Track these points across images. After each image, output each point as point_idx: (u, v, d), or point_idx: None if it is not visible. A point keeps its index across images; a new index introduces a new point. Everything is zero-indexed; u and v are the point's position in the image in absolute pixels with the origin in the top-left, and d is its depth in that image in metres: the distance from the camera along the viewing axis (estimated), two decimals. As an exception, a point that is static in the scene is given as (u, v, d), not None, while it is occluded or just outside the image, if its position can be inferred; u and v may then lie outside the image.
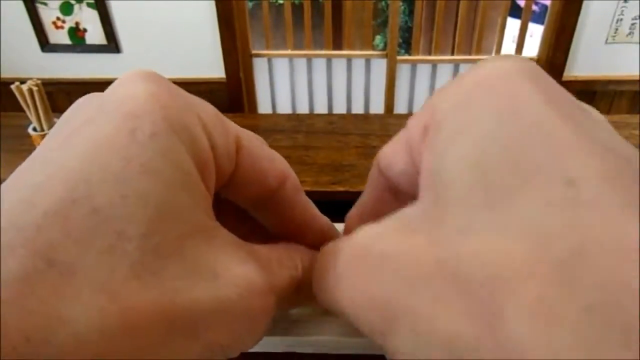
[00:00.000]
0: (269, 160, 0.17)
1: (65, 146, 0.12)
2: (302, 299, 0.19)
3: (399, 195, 0.17)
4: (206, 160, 0.14)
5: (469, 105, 0.12)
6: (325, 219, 0.20)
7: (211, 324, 0.13)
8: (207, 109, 0.15)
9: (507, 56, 0.13)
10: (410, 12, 3.14)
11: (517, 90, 0.12)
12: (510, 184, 0.10)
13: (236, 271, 0.14)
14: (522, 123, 0.11)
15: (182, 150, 0.13)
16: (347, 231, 0.20)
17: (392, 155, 0.16)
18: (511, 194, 0.10)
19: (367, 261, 0.12)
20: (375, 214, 0.17)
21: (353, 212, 0.20)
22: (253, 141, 0.17)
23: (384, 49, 2.33)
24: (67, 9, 2.08)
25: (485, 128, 0.12)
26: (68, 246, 0.11)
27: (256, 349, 0.32)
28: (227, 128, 0.15)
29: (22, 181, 0.12)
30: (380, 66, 2.31)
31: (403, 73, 2.34)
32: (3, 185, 0.12)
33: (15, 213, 0.11)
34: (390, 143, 0.16)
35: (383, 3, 3.28)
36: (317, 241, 0.19)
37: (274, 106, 2.48)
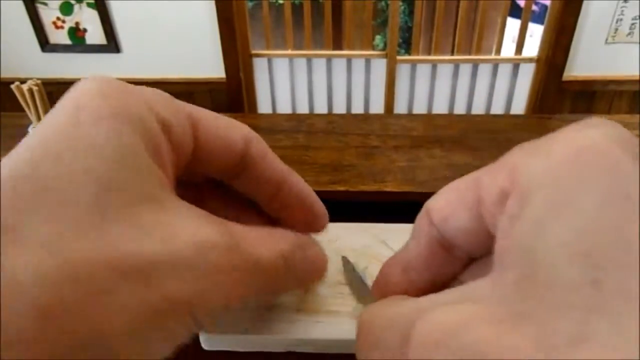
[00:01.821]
0: (227, 127, 0.18)
1: (29, 137, 0.14)
2: (294, 278, 0.18)
3: (452, 249, 0.16)
4: (156, 138, 0.15)
5: (566, 181, 0.11)
6: (296, 175, 0.21)
7: (166, 275, 0.13)
8: (155, 95, 0.16)
9: (601, 123, 0.13)
10: (410, 12, 3.14)
11: (621, 169, 0.11)
12: (628, 284, 0.10)
13: (192, 230, 0.14)
14: (634, 210, 0.10)
15: (126, 131, 0.14)
16: (384, 282, 0.19)
17: (449, 209, 0.15)
18: (629, 296, 0.10)
19: (453, 353, 0.11)
20: (424, 268, 0.17)
21: (394, 263, 0.18)
22: (208, 114, 0.18)
23: (384, 49, 2.33)
24: (67, 9, 2.08)
25: (590, 212, 0.11)
26: (15, 214, 0.12)
27: (256, 348, 0.33)
28: (178, 108, 0.17)
29: None
30: (380, 66, 2.31)
31: (403, 73, 2.34)
32: None
33: None
34: (445, 195, 0.16)
35: (383, 3, 3.28)
36: (298, 201, 0.20)
37: (274, 106, 2.48)
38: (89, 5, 2.06)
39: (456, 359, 0.11)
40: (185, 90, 2.21)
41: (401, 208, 0.93)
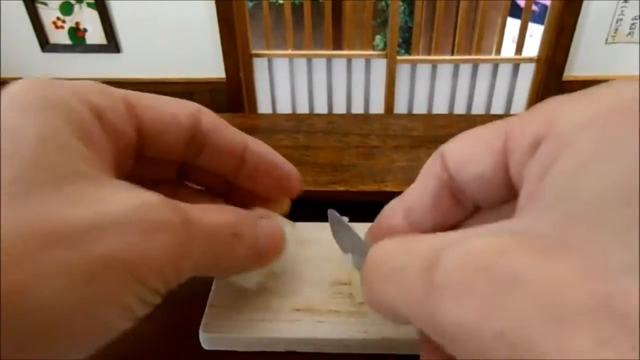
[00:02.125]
0: (170, 106, 0.18)
1: None
2: (245, 250, 0.18)
3: (461, 196, 0.16)
4: (85, 123, 0.16)
5: (610, 130, 0.11)
6: (257, 141, 0.21)
7: (95, 238, 0.13)
8: (85, 86, 0.17)
9: (636, 81, 0.12)
10: (410, 12, 3.14)
11: None
12: None
13: (128, 196, 0.14)
14: None
15: (50, 116, 0.15)
16: (383, 225, 0.18)
17: (469, 155, 0.15)
18: None
19: (490, 280, 0.10)
20: (428, 213, 0.16)
21: (397, 205, 0.18)
22: (148, 97, 0.18)
23: (384, 49, 2.33)
24: (67, 9, 2.08)
25: (636, 159, 0.10)
26: None
27: (256, 348, 0.33)
28: (112, 94, 0.17)
29: None
30: (380, 66, 2.31)
31: (403, 73, 2.34)
32: None
33: None
34: (466, 141, 0.15)
35: (383, 3, 3.28)
36: (264, 165, 0.20)
37: (274, 106, 2.48)
38: (89, 5, 2.06)
39: (493, 285, 0.10)
40: (185, 90, 2.21)
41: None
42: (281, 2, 2.38)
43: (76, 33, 2.14)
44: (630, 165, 0.10)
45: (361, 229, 0.38)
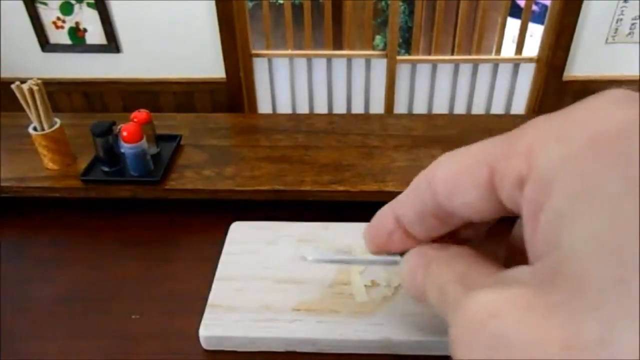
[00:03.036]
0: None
1: None
2: None
3: (448, 218, 0.17)
4: None
5: (586, 170, 0.11)
6: None
7: None
8: None
9: (619, 99, 0.12)
10: (410, 12, 3.14)
11: None
12: None
13: None
14: None
15: None
16: (379, 228, 0.20)
17: (456, 184, 0.16)
18: None
19: (483, 338, 0.12)
20: (415, 225, 0.18)
21: (388, 212, 0.19)
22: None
23: (384, 49, 2.33)
24: (67, 9, 2.08)
25: (613, 205, 0.10)
26: None
27: (256, 348, 0.33)
28: None
29: None
30: (380, 66, 2.31)
31: (403, 73, 2.34)
32: None
33: None
34: (449, 168, 0.16)
35: (383, 3, 3.28)
36: None
37: (274, 106, 2.48)
38: (89, 5, 2.06)
39: (489, 342, 0.12)
40: (186, 90, 2.21)
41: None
42: (281, 2, 2.38)
43: (76, 33, 2.14)
44: (602, 215, 0.10)
45: (362, 228, 0.38)
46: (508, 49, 2.50)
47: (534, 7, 2.30)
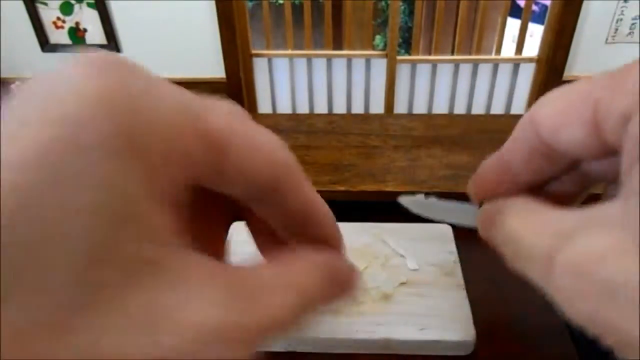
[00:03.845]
0: (261, 153, 0.15)
1: (11, 143, 0.10)
2: (315, 310, 0.16)
3: (557, 157, 0.17)
4: (164, 174, 0.12)
5: None
6: (326, 210, 0.18)
7: None
8: (172, 110, 0.12)
9: None
10: (410, 12, 3.14)
11: None
12: None
13: (193, 314, 0.11)
14: None
15: (128, 168, 0.11)
16: (482, 180, 0.19)
17: (561, 122, 0.15)
18: None
19: (594, 285, 0.12)
20: (523, 172, 0.18)
21: (493, 163, 0.19)
22: (242, 134, 0.14)
23: (384, 49, 2.33)
24: (67, 8, 2.08)
25: None
26: None
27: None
28: (204, 128, 0.13)
29: None
30: (380, 66, 2.31)
31: (403, 73, 2.34)
32: None
33: None
34: (555, 105, 0.16)
35: (383, 3, 3.28)
36: (319, 236, 0.18)
37: (274, 106, 2.48)
38: (89, 5, 2.06)
39: (596, 291, 0.12)
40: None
41: (401, 208, 0.93)
42: (281, 2, 2.38)
43: (76, 33, 2.14)
44: None
45: (362, 228, 0.38)
46: (508, 49, 2.50)
47: (534, 7, 2.30)
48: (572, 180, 0.19)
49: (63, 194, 0.10)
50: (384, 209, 1.07)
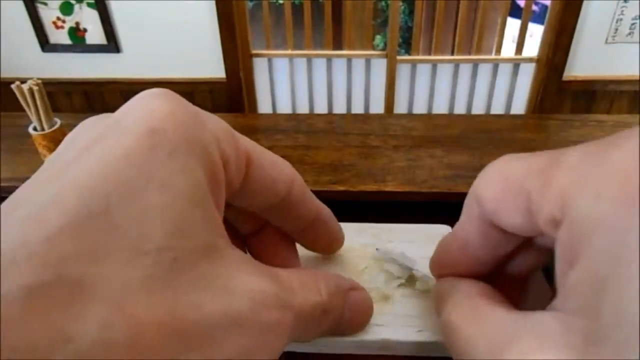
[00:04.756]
0: (278, 170, 0.18)
1: (78, 162, 0.12)
2: (330, 324, 0.18)
3: (506, 232, 0.16)
4: (218, 177, 0.14)
5: (619, 235, 0.11)
6: (326, 209, 0.21)
7: (221, 339, 0.12)
8: (220, 126, 0.15)
9: None
10: (410, 12, 3.14)
11: None
12: None
13: (249, 285, 0.14)
14: None
15: (198, 167, 0.13)
16: (443, 259, 0.19)
17: (500, 206, 0.15)
18: None
19: None
20: (480, 247, 0.17)
21: (452, 240, 0.19)
22: (258, 151, 0.17)
23: (384, 49, 2.33)
24: (67, 8, 2.08)
25: None
26: (81, 260, 0.11)
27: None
28: (238, 143, 0.16)
29: (28, 199, 0.12)
30: (380, 66, 2.31)
31: (403, 73, 2.34)
32: (3, 204, 0.12)
33: (23, 230, 0.11)
34: (494, 187, 0.16)
35: (383, 3, 3.28)
36: (324, 234, 0.21)
37: (274, 106, 2.48)
38: (89, 5, 2.06)
39: None
40: (186, 90, 2.21)
41: (401, 208, 0.93)
42: (281, 2, 2.38)
43: (76, 33, 2.14)
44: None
45: (361, 229, 0.38)
46: (508, 49, 2.51)
47: (534, 7, 2.30)
48: (529, 254, 0.19)
49: (153, 179, 0.12)
50: (383, 209, 1.08)
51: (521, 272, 0.19)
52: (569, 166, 0.13)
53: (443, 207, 0.75)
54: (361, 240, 0.27)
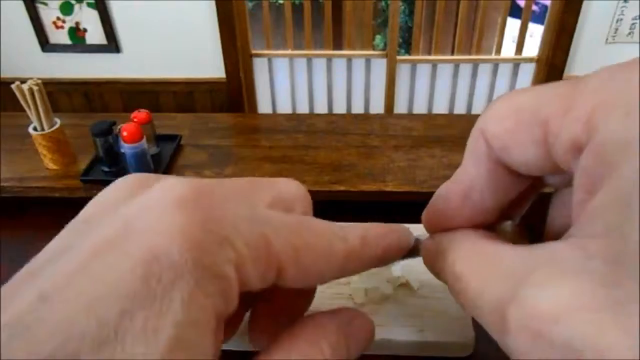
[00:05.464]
0: (324, 261, 0.16)
1: (76, 278, 0.12)
2: None
3: (517, 171, 0.15)
4: (228, 302, 0.13)
5: None
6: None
7: None
8: (249, 235, 0.13)
9: None
10: (410, 12, 3.14)
11: None
12: None
13: None
14: None
15: (199, 300, 0.12)
16: (442, 209, 0.17)
17: (511, 139, 0.14)
18: None
19: (552, 348, 0.11)
20: (488, 190, 0.16)
21: (452, 188, 0.17)
22: (301, 252, 0.15)
23: (384, 48, 2.33)
24: (67, 9, 2.08)
25: None
26: None
27: (255, 348, 0.33)
28: (270, 255, 0.14)
29: (23, 303, 0.11)
30: (380, 66, 2.31)
31: (403, 73, 2.34)
32: (5, 287, 0.12)
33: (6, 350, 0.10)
34: (503, 119, 0.14)
35: (383, 3, 3.28)
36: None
37: (274, 106, 2.48)
38: (89, 5, 2.06)
39: (555, 355, 0.11)
40: (185, 90, 2.21)
41: (401, 208, 0.93)
42: (281, 2, 2.38)
43: (76, 33, 2.14)
44: None
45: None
46: (508, 49, 2.51)
47: (534, 7, 2.30)
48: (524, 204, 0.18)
49: (134, 321, 0.11)
50: (383, 209, 1.08)
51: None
52: (593, 89, 0.12)
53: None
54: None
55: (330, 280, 0.16)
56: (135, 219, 0.13)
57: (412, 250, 0.19)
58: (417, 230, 0.26)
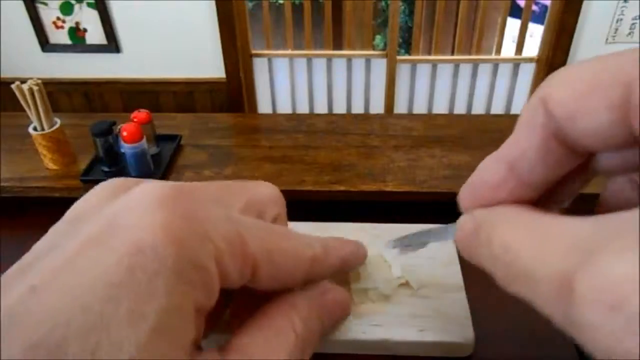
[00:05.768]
0: (292, 264, 0.17)
1: (63, 272, 0.12)
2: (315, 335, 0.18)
3: (572, 145, 0.14)
4: (209, 294, 0.14)
5: None
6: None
7: None
8: (225, 233, 0.14)
9: None
10: (410, 12, 3.14)
11: None
12: None
13: None
14: None
15: (182, 289, 0.13)
16: (485, 182, 0.16)
17: (581, 108, 0.13)
18: None
19: (626, 321, 0.10)
20: (538, 164, 0.15)
21: (497, 160, 0.16)
22: (274, 253, 0.16)
23: (384, 48, 2.33)
24: (67, 9, 2.08)
25: None
26: None
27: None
28: (246, 252, 0.15)
29: (14, 295, 0.12)
30: (380, 66, 2.31)
31: (403, 73, 2.34)
32: (4, 276, 0.13)
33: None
34: (572, 87, 0.13)
35: (383, 3, 3.28)
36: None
37: (274, 106, 2.48)
38: (89, 5, 2.06)
39: (634, 326, 0.10)
40: (186, 90, 2.21)
41: (401, 208, 0.93)
42: (281, 2, 2.38)
43: (76, 33, 2.14)
44: None
45: (361, 228, 0.38)
46: (508, 49, 2.51)
47: (534, 7, 2.30)
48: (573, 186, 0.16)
49: (120, 308, 0.12)
50: (383, 209, 1.08)
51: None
52: None
53: (443, 207, 0.75)
54: (361, 240, 0.27)
55: (299, 284, 0.18)
56: (119, 217, 0.13)
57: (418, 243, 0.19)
58: (418, 230, 0.26)
